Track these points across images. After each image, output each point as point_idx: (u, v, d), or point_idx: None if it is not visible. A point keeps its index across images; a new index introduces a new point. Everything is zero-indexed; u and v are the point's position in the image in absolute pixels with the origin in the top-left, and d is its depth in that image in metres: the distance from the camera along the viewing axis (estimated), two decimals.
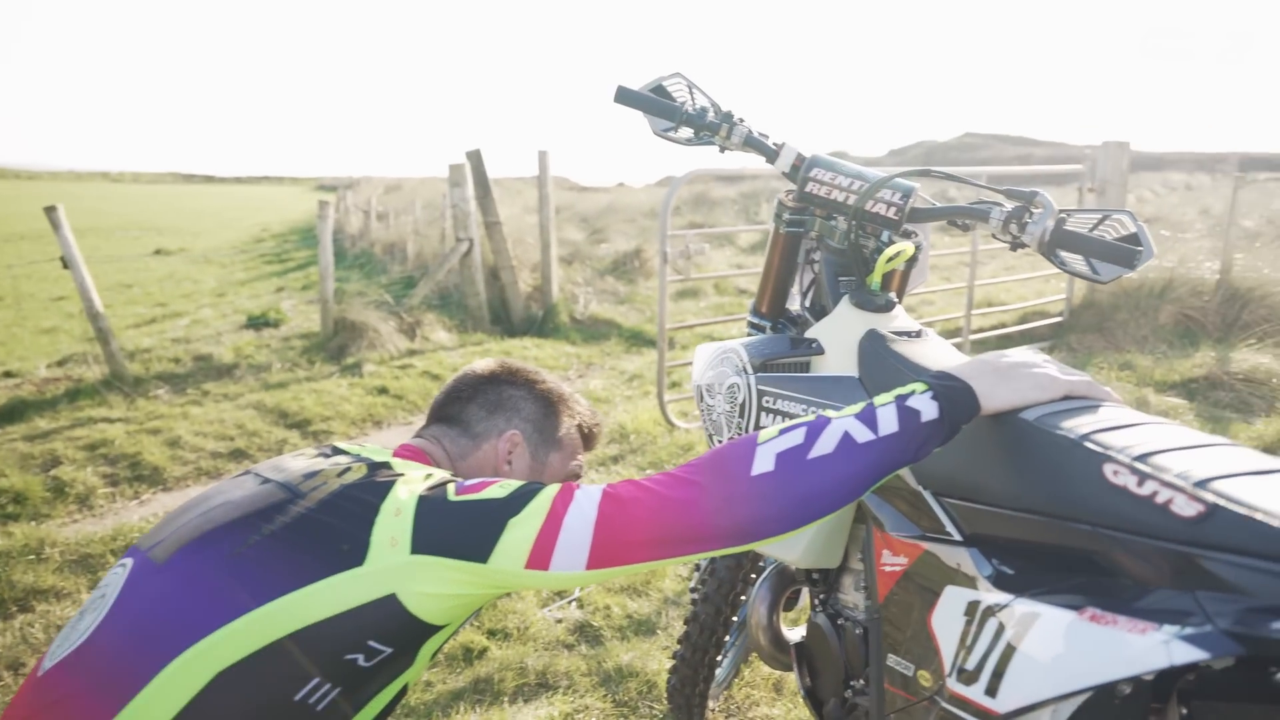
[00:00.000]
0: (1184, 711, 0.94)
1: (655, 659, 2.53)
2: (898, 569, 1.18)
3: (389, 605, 1.06)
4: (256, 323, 7.71)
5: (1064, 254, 1.38)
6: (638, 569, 1.05)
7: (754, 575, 1.90)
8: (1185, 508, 0.80)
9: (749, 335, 1.72)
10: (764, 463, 1.02)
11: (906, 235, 1.54)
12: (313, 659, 1.05)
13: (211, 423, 4.77)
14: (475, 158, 7.66)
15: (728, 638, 2.34)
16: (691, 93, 1.72)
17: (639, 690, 2.40)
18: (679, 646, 1.98)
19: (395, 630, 1.08)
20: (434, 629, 1.12)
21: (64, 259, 5.23)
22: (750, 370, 1.51)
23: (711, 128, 1.64)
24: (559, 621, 2.79)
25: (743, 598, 1.91)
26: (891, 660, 1.18)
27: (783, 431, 1.05)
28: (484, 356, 6.65)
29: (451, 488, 1.11)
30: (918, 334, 1.45)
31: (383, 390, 5.58)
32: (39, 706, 1.05)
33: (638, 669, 2.48)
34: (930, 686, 1.06)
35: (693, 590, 2.00)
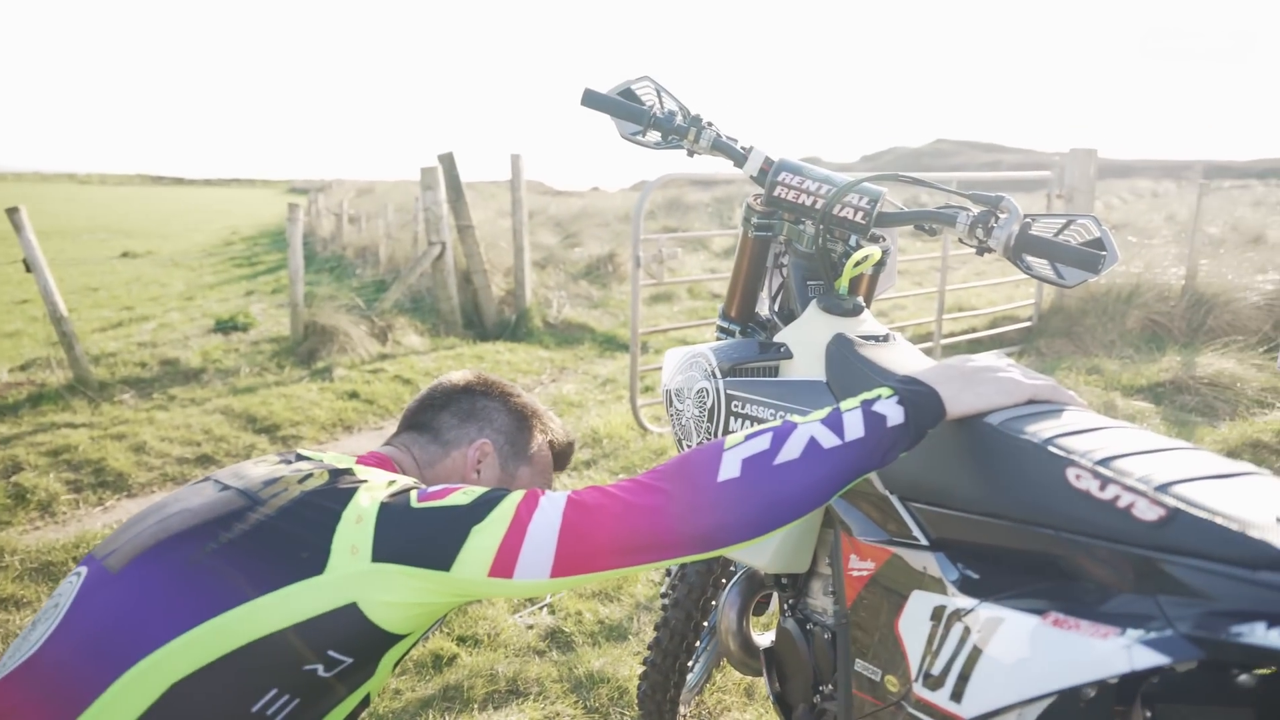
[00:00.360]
0: (1148, 714, 0.94)
1: (627, 665, 2.51)
2: (865, 573, 1.18)
3: (349, 614, 1.04)
4: (225, 326, 7.62)
5: (1030, 259, 1.38)
6: (604, 576, 1.04)
7: (724, 580, 1.89)
8: (1147, 512, 0.80)
9: (718, 339, 1.72)
10: (730, 469, 1.02)
11: (874, 240, 1.54)
12: (271, 669, 1.03)
13: (178, 428, 4.70)
14: (448, 161, 7.62)
15: (699, 643, 2.33)
16: (660, 96, 1.71)
17: (610, 696, 2.39)
18: (650, 652, 1.97)
19: (356, 640, 1.06)
20: (396, 638, 1.10)
21: (26, 262, 5.15)
22: (719, 375, 1.51)
23: (679, 131, 1.64)
24: (530, 628, 2.77)
25: (713, 603, 1.91)
26: (859, 665, 1.18)
27: (749, 437, 1.05)
28: (456, 360, 6.61)
29: (414, 494, 1.10)
30: (885, 338, 1.45)
31: (353, 395, 5.53)
32: None
33: (609, 675, 2.46)
34: (897, 692, 1.06)
35: (664, 596, 1.99)
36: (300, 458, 1.25)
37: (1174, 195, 27.07)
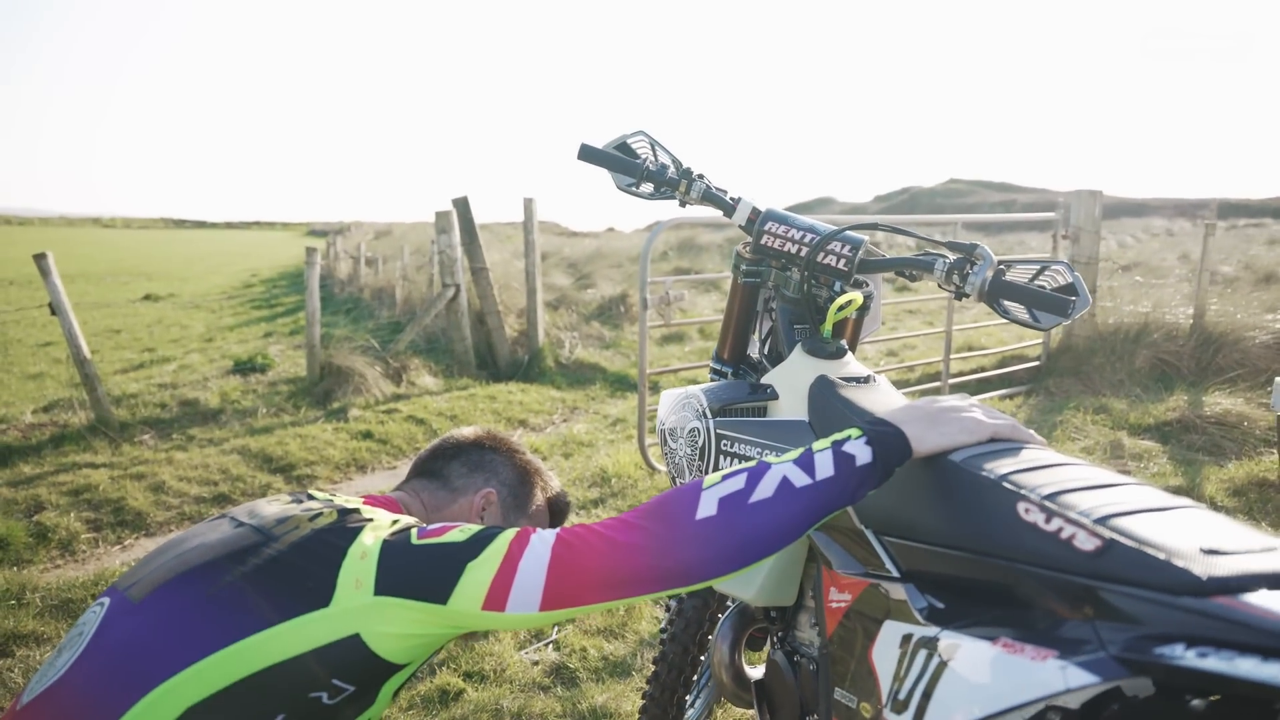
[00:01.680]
0: None
1: (630, 700, 2.55)
2: (843, 605, 1.24)
3: (353, 644, 1.11)
4: (243, 368, 7.75)
5: (1006, 303, 1.45)
6: (590, 609, 1.10)
7: (720, 615, 1.94)
8: (1086, 542, 0.86)
9: (712, 381, 1.79)
10: (707, 508, 1.08)
11: (857, 285, 1.61)
12: (279, 696, 1.10)
13: (196, 468, 4.79)
14: (462, 205, 7.77)
15: (696, 678, 2.37)
16: (654, 149, 1.80)
17: None
18: (649, 686, 2.02)
19: (358, 669, 1.13)
20: (396, 667, 1.17)
21: (52, 305, 5.29)
22: (709, 415, 1.57)
23: (671, 183, 1.72)
24: (535, 664, 2.81)
25: (710, 637, 1.96)
26: (839, 694, 1.23)
27: (725, 477, 1.12)
28: (469, 401, 6.70)
29: (414, 532, 1.17)
30: (867, 380, 1.51)
31: (367, 435, 5.62)
32: None
33: (612, 710, 2.51)
34: (869, 718, 1.11)
35: (662, 631, 2.04)
36: (310, 497, 1.34)
37: (1189, 234, 27.09)
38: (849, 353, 1.59)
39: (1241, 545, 0.80)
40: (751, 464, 1.13)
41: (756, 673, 1.70)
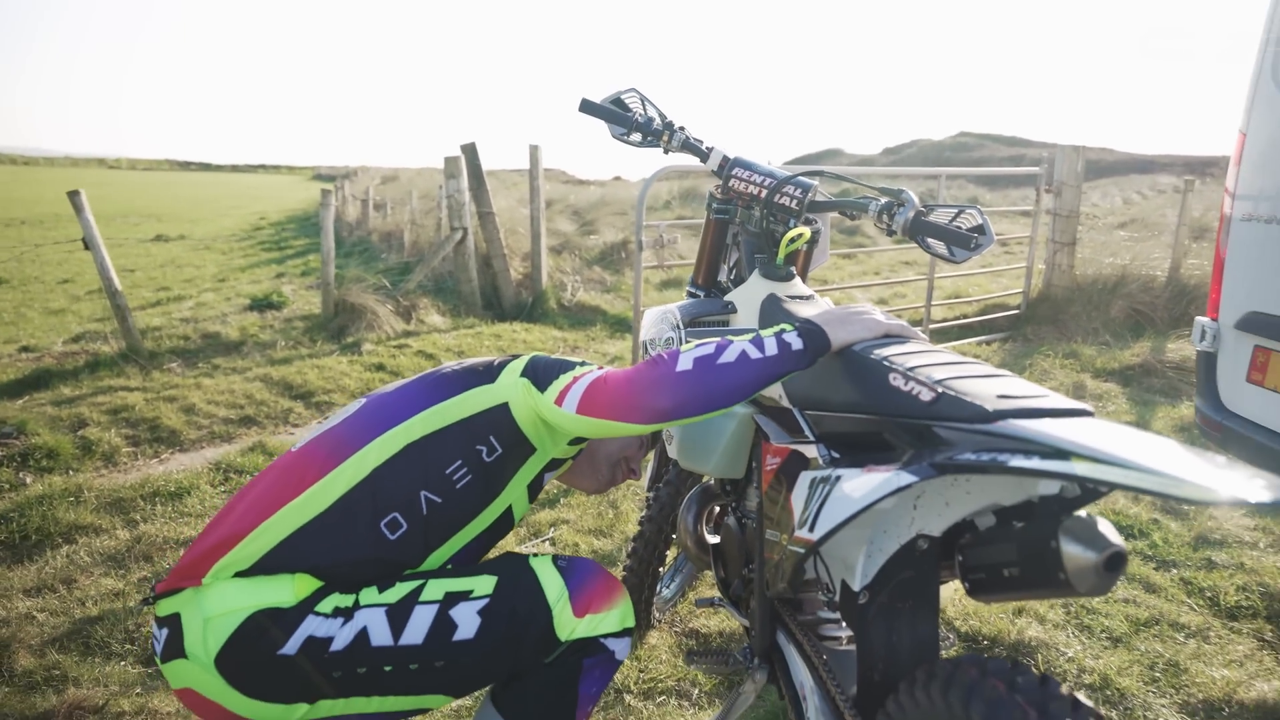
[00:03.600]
0: (959, 558, 1.35)
1: None
2: (775, 466, 1.59)
3: (502, 410, 1.59)
4: (259, 305, 8.10)
5: (929, 240, 1.78)
6: (603, 423, 1.48)
7: None
8: (925, 395, 1.20)
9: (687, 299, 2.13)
10: (685, 364, 1.44)
11: (807, 222, 1.95)
12: (458, 445, 1.55)
13: (222, 393, 5.17)
14: (470, 151, 8.05)
15: (674, 563, 2.75)
16: (644, 104, 2.12)
17: None
18: (629, 560, 2.40)
19: (504, 431, 1.58)
20: (529, 447, 1.61)
21: (85, 240, 5.62)
22: (681, 326, 1.92)
23: (656, 133, 2.05)
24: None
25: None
26: (769, 534, 1.59)
27: (699, 344, 1.47)
28: (475, 338, 7.05)
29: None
30: (809, 298, 1.85)
31: (380, 367, 5.98)
32: (293, 457, 1.55)
33: None
34: (787, 543, 1.48)
35: (641, 520, 2.41)
36: None
37: (1197, 191, 27.14)
38: (796, 277, 1.92)
39: (1023, 393, 1.15)
40: (719, 339, 1.48)
41: (713, 539, 2.07)
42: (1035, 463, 0.99)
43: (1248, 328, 2.89)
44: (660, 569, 2.42)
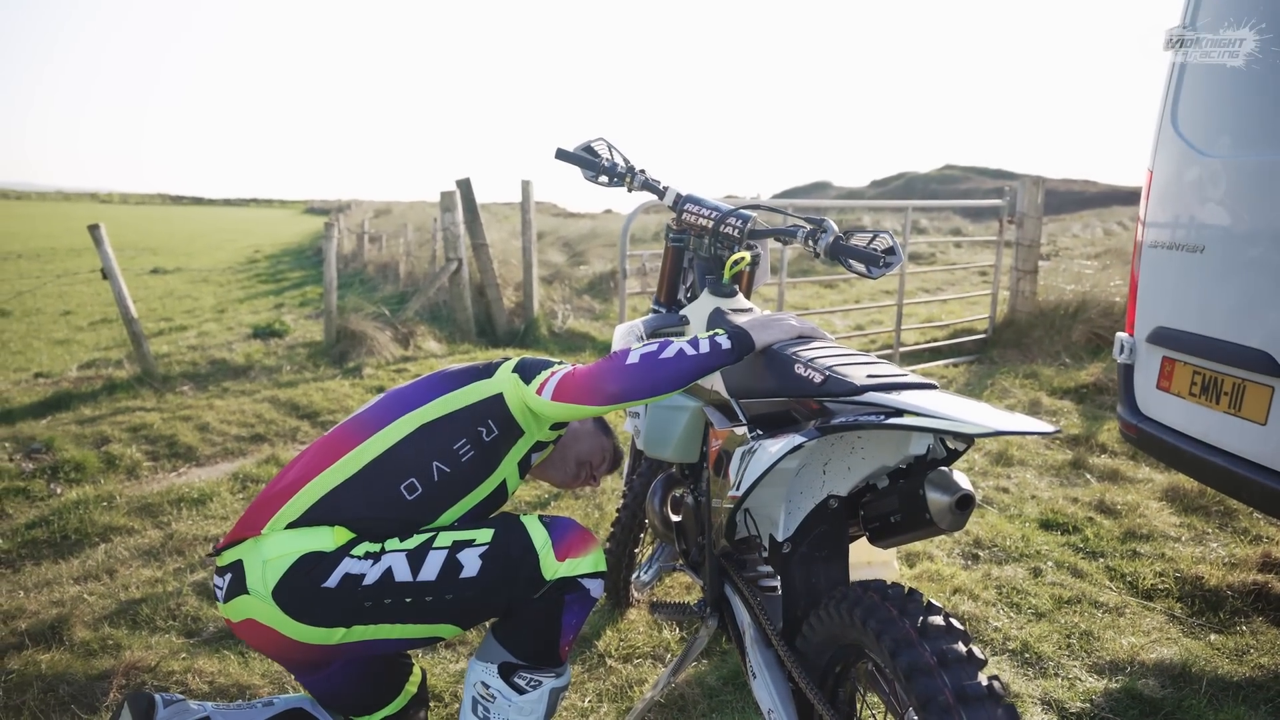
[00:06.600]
0: (862, 514, 1.73)
1: None
2: (718, 446, 1.96)
3: (497, 399, 1.93)
4: (263, 333, 8.46)
5: (850, 260, 2.15)
6: (571, 408, 1.83)
7: None
8: (817, 377, 1.58)
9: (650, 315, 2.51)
10: (634, 359, 1.81)
11: (749, 248, 2.33)
12: (462, 427, 1.90)
13: (234, 413, 5.52)
14: (465, 185, 8.46)
15: (651, 552, 3.11)
16: (610, 151, 2.51)
17: None
18: (609, 544, 2.76)
19: (499, 417, 1.93)
20: (518, 430, 1.95)
21: (104, 270, 5.99)
22: (644, 338, 2.30)
23: (620, 176, 2.43)
24: None
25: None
26: (714, 502, 1.96)
27: (645, 344, 1.84)
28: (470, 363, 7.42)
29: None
30: (747, 310, 2.23)
31: (380, 389, 6.34)
32: (330, 435, 1.92)
33: None
34: (725, 504, 1.84)
35: (618, 510, 2.77)
36: None
37: None
38: (739, 293, 2.30)
39: (887, 374, 1.53)
40: (662, 340, 1.86)
41: (675, 517, 2.43)
42: (879, 420, 1.37)
43: (1157, 340, 3.28)
44: (636, 550, 2.78)
